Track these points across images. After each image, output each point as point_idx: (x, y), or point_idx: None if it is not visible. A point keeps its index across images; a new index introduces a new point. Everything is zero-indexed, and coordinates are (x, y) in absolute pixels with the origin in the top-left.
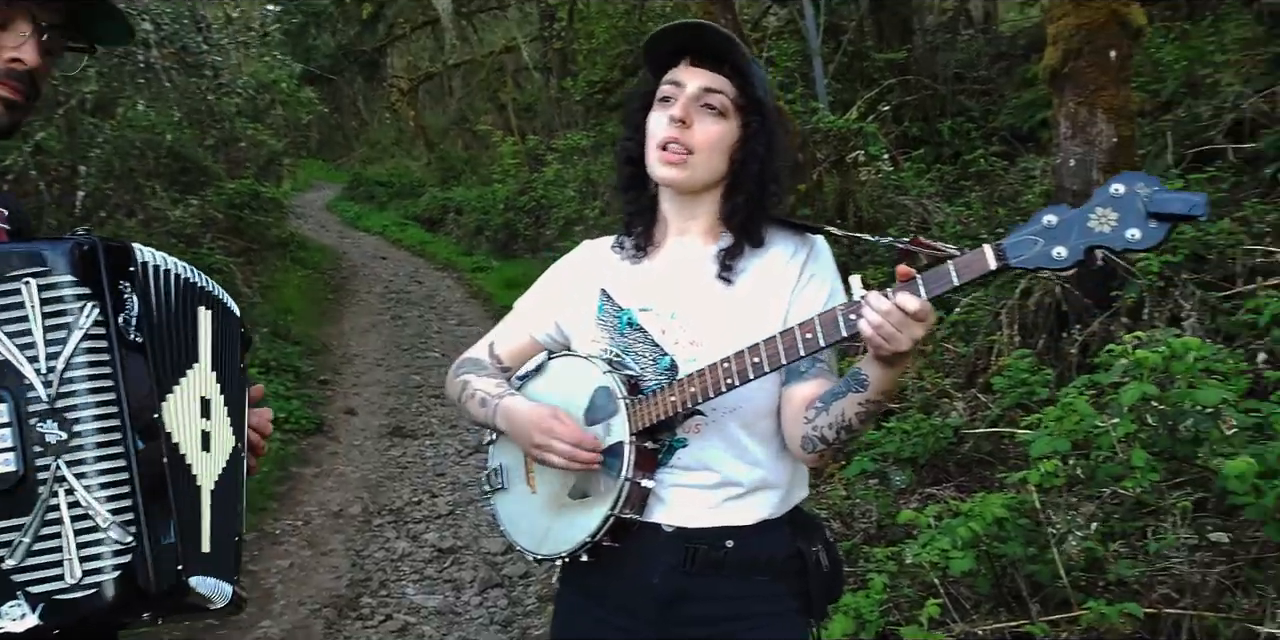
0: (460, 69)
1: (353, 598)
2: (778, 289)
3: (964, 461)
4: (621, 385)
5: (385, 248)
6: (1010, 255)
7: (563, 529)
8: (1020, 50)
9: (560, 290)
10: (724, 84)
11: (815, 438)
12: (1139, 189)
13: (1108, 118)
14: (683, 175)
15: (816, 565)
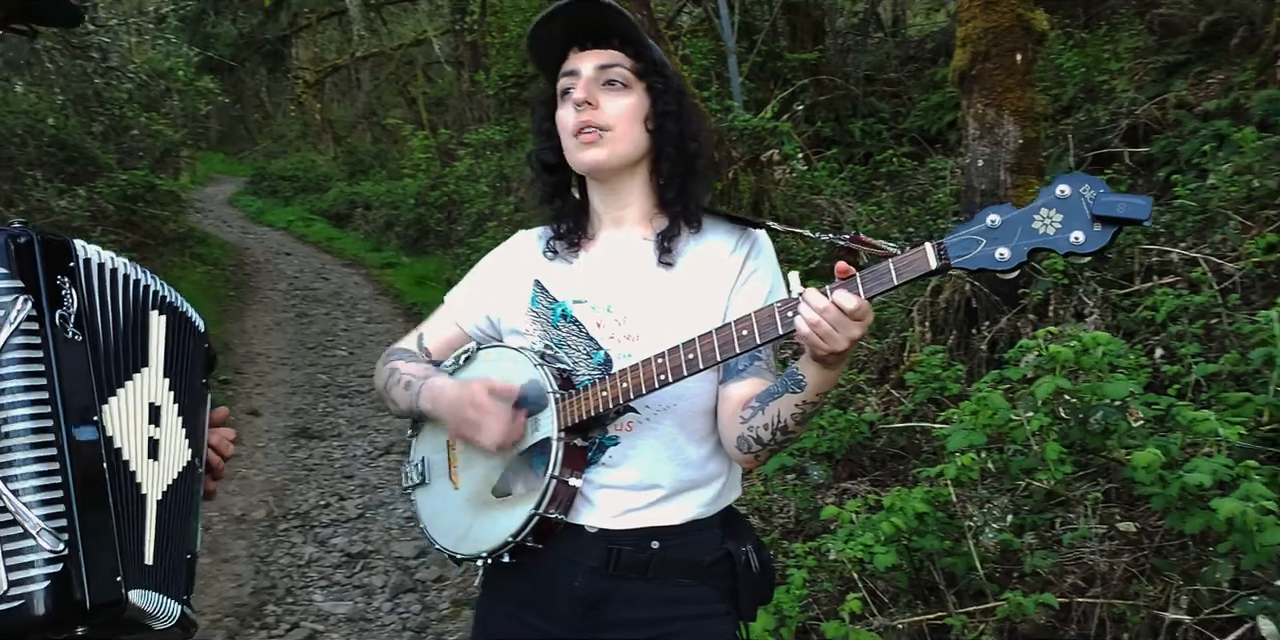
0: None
1: (256, 606)
2: (718, 283)
3: (879, 456)
4: (552, 379)
5: (290, 243)
6: (952, 255)
7: (484, 528)
8: (928, 54)
9: (491, 281)
10: (617, 57)
11: (751, 438)
12: (1084, 191)
13: (1014, 119)
14: (604, 152)
15: (746, 566)
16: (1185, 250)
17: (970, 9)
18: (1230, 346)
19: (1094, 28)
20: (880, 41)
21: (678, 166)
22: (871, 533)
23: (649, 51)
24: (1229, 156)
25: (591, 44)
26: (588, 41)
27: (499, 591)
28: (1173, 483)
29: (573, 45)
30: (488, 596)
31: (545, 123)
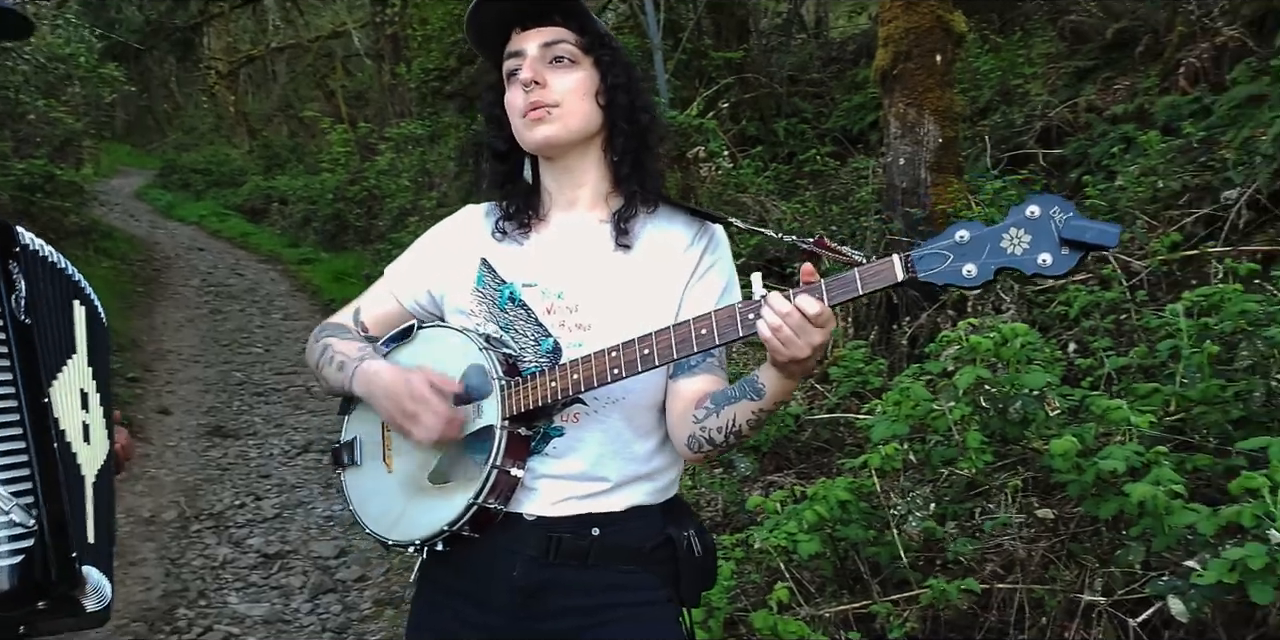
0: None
1: (167, 609)
2: (675, 274)
3: (803, 449)
4: (498, 365)
5: (203, 239)
6: (919, 268)
7: (419, 514)
8: (849, 56)
9: (435, 255)
10: (562, 33)
11: (703, 439)
12: (1054, 213)
13: (934, 119)
14: (554, 128)
15: (688, 551)
16: None
17: (892, 9)
18: (1139, 340)
19: (1009, 33)
20: (803, 42)
21: (631, 140)
22: (795, 521)
23: (593, 24)
24: (1135, 159)
25: (532, 22)
26: (528, 21)
27: (434, 584)
28: (1088, 470)
29: (514, 26)
30: (423, 589)
31: (494, 108)
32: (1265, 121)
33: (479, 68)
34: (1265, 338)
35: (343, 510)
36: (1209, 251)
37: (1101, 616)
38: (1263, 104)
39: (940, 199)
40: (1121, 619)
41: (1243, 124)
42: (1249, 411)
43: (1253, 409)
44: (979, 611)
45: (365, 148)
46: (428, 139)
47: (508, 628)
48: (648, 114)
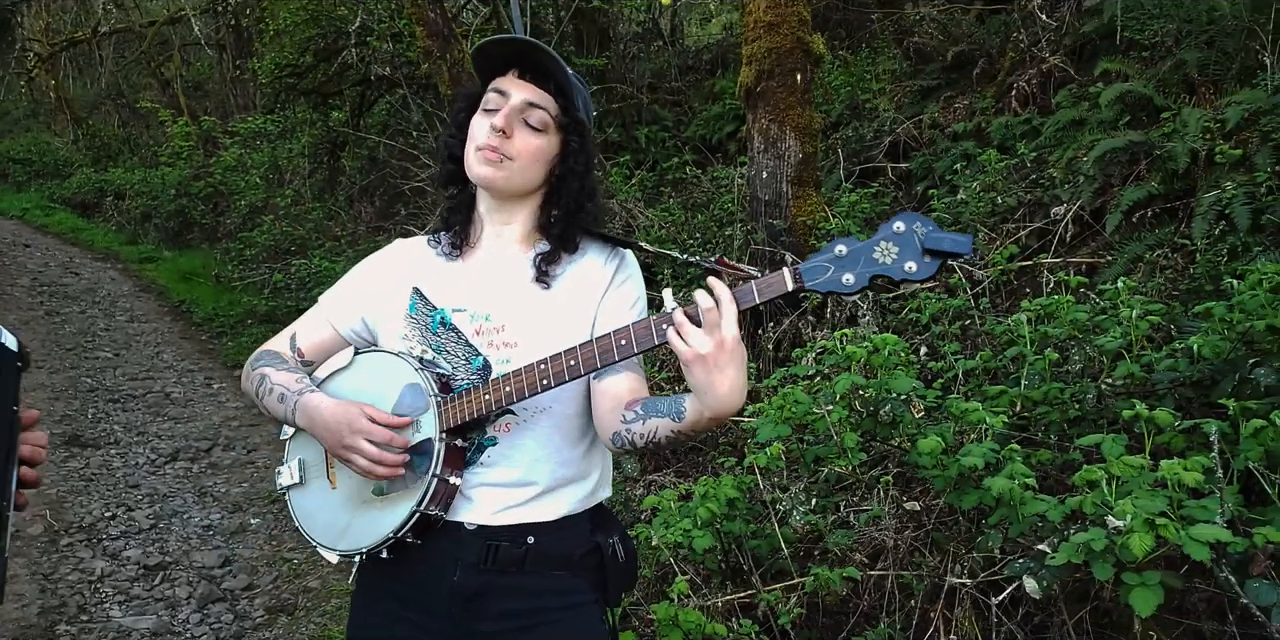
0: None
1: (46, 626)
2: (589, 293)
3: (677, 450)
4: (432, 383)
5: (28, 234)
6: (806, 279)
7: (364, 525)
8: (705, 65)
9: (368, 285)
10: (548, 101)
11: (626, 439)
12: (916, 228)
13: (795, 135)
14: (500, 175)
15: (613, 557)
16: None
17: (755, 30)
18: (983, 345)
19: (857, 50)
20: (660, 49)
21: (568, 214)
22: (689, 519)
23: (576, 110)
24: (976, 175)
25: (531, 77)
26: (528, 73)
27: (374, 589)
28: (951, 466)
29: (514, 67)
30: (362, 595)
31: (462, 114)
32: (1086, 144)
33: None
34: (1094, 344)
35: (222, 519)
36: (1042, 262)
37: (965, 598)
38: (1083, 128)
39: (800, 211)
40: (983, 600)
41: (1067, 145)
42: (1083, 411)
43: (1086, 409)
44: (852, 597)
45: (209, 142)
46: (278, 135)
47: (447, 630)
48: (591, 201)
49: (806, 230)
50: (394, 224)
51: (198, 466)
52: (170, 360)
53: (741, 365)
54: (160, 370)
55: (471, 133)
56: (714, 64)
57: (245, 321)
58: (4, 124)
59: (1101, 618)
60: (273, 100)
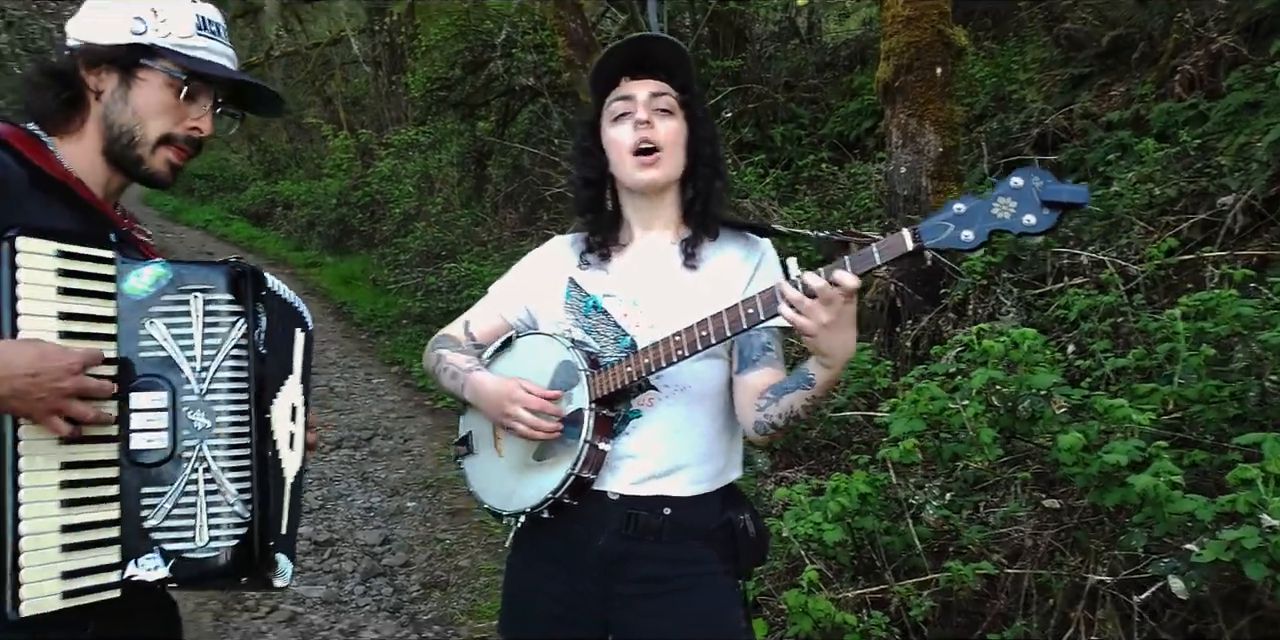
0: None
1: (236, 591)
2: (733, 283)
3: (812, 447)
4: (582, 359)
5: (211, 243)
6: (925, 238)
7: (527, 488)
8: (844, 61)
9: (531, 277)
10: (665, 87)
11: (767, 424)
12: (1034, 182)
13: (934, 129)
14: (661, 173)
15: (744, 532)
16: (1093, 253)
17: (893, 24)
18: (1136, 342)
19: (1003, 39)
20: (797, 48)
21: (705, 183)
22: (819, 512)
23: (693, 84)
24: (1132, 165)
25: (644, 74)
26: (640, 71)
27: (530, 550)
28: (1093, 463)
29: (625, 74)
30: (519, 554)
31: (586, 141)
32: (1260, 128)
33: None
34: (1260, 341)
35: (381, 502)
36: (1205, 256)
37: (1106, 599)
38: (1258, 111)
39: (940, 205)
40: (1125, 599)
41: (1238, 130)
42: (1244, 410)
43: (1248, 408)
44: (988, 597)
45: (366, 153)
46: (429, 145)
47: (593, 589)
48: (720, 164)
49: None
50: (536, 229)
51: (360, 454)
52: (334, 357)
53: (854, 321)
54: (325, 367)
55: (613, 141)
56: (851, 60)
57: (400, 322)
58: None
59: (1268, 629)
60: (424, 112)
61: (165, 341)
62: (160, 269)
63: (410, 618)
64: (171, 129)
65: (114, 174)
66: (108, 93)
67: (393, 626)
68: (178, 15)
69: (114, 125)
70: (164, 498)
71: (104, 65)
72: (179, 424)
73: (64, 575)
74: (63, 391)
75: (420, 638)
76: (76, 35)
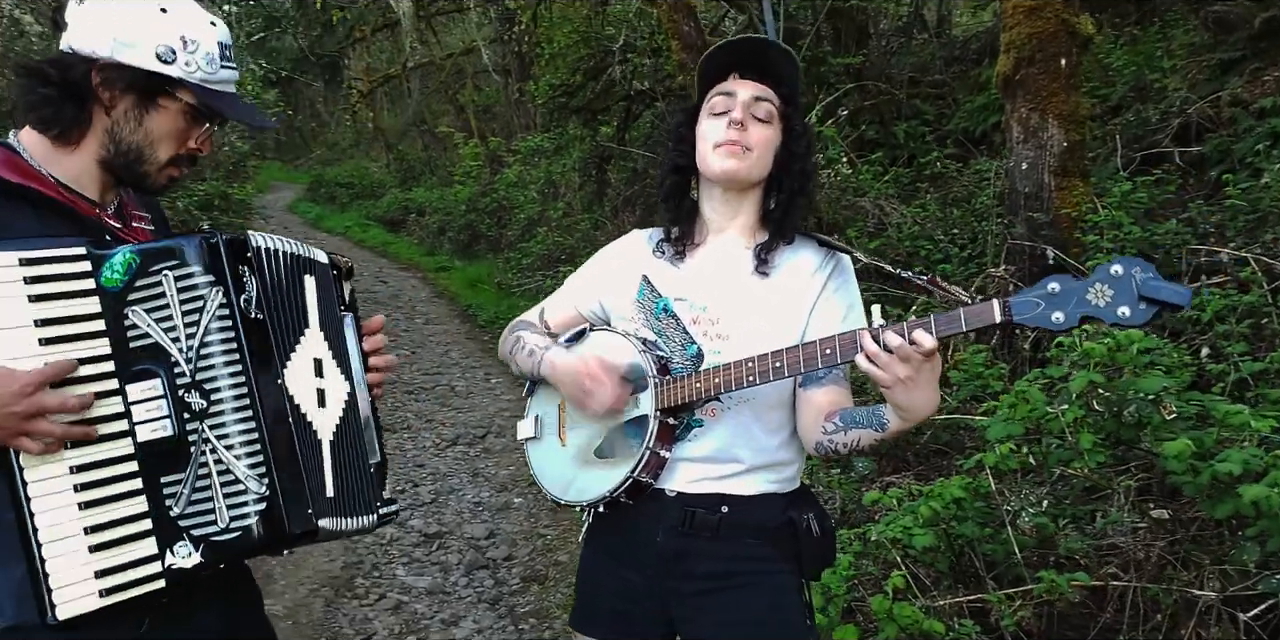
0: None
1: (347, 579)
2: (803, 295)
3: (921, 451)
4: (653, 365)
5: (348, 249)
6: (1015, 313)
7: (587, 482)
8: (973, 54)
9: (606, 271)
10: (770, 94)
11: (829, 448)
12: (1135, 273)
13: (1058, 123)
14: (743, 165)
15: (807, 532)
16: (1235, 250)
17: (1014, 15)
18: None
19: (1146, 25)
20: (924, 43)
21: (789, 195)
22: (911, 516)
23: (796, 94)
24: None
25: (752, 75)
26: (749, 71)
27: (598, 545)
28: (1204, 471)
29: (733, 71)
30: (589, 550)
31: (683, 128)
32: None
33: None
34: None
35: (490, 497)
36: None
37: (1220, 616)
38: None
39: (1065, 202)
40: (1233, 615)
41: None
42: None
43: None
44: (1094, 610)
45: (494, 160)
46: (553, 151)
47: (653, 584)
48: (810, 181)
49: (1071, 223)
50: None
51: (473, 450)
52: (457, 358)
53: (935, 379)
54: (448, 366)
55: (704, 134)
56: (981, 53)
57: None
58: (333, 153)
59: None
60: (547, 119)
61: (149, 327)
62: (127, 255)
63: (509, 610)
64: (178, 151)
65: (108, 177)
66: (119, 110)
67: (491, 617)
68: (204, 46)
69: (121, 142)
70: (181, 485)
71: (124, 86)
72: (178, 408)
73: (98, 574)
74: (18, 415)
75: (517, 629)
76: (90, 42)
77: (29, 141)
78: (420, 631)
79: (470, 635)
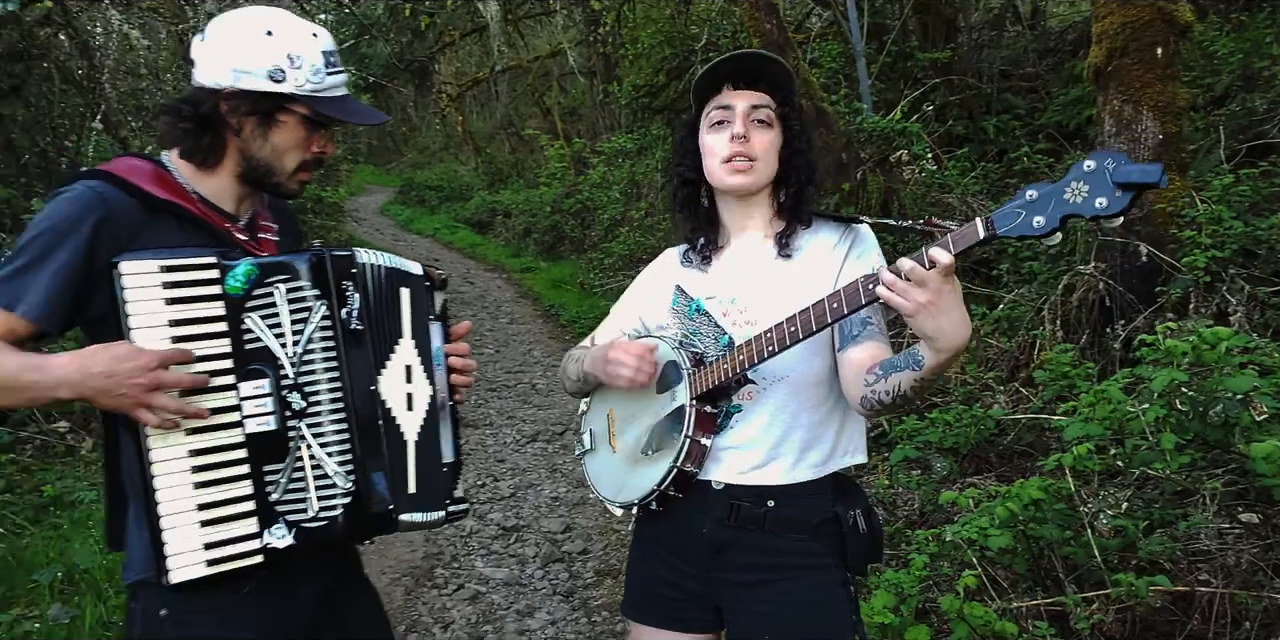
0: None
1: (428, 569)
2: (826, 269)
3: (1005, 452)
4: (686, 359)
5: (437, 250)
6: (998, 225)
7: (636, 480)
8: (1069, 46)
9: (643, 291)
10: (765, 99)
11: (874, 400)
12: (1107, 164)
13: (1153, 115)
14: (750, 179)
15: (854, 528)
16: None
17: (1107, 4)
18: None
19: (1255, 10)
20: (1017, 35)
21: (797, 186)
22: (987, 517)
23: (791, 95)
24: None
25: (745, 84)
26: (741, 82)
27: (646, 538)
28: None
29: (726, 82)
30: (639, 543)
31: (688, 141)
32: None
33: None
34: None
35: (567, 492)
36: None
37: None
38: None
39: (1160, 197)
40: None
41: None
42: None
43: None
44: (1181, 616)
45: (579, 162)
46: (636, 151)
47: (701, 575)
48: (814, 170)
49: (1167, 218)
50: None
51: (552, 447)
52: (539, 356)
53: (960, 304)
54: (530, 365)
55: (708, 148)
56: (1077, 44)
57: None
58: (424, 157)
59: None
60: (631, 120)
61: (261, 332)
62: (248, 266)
63: (582, 602)
64: (304, 157)
65: (246, 189)
66: (247, 131)
67: (565, 609)
68: (309, 59)
69: (253, 158)
70: (280, 474)
71: (246, 109)
72: (281, 406)
73: (206, 546)
74: (140, 387)
75: (589, 622)
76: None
77: (179, 163)
78: (496, 621)
79: (544, 626)
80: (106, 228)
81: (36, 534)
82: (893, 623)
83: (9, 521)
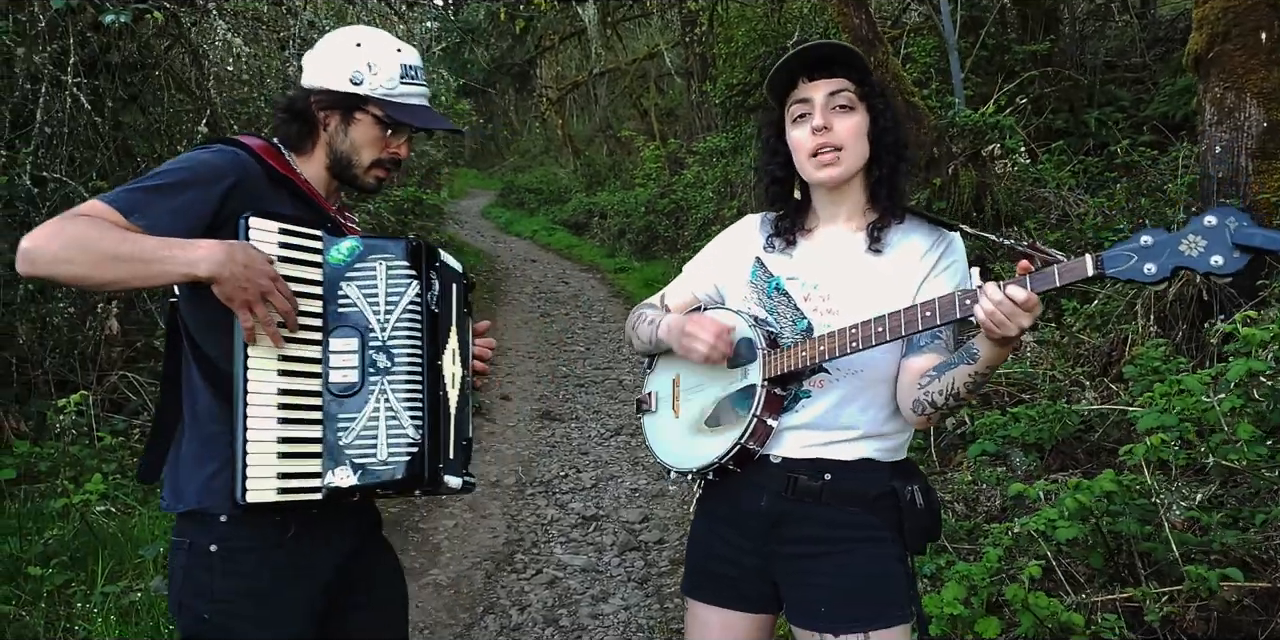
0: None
1: (508, 554)
2: (913, 273)
3: (1093, 449)
4: (762, 338)
5: (535, 251)
6: (1107, 266)
7: (697, 450)
8: (1179, 34)
9: (721, 256)
10: (843, 84)
11: (926, 402)
12: (1229, 222)
13: (1258, 102)
14: (839, 171)
15: (910, 503)
16: None
17: None
18: None
19: None
20: (1125, 25)
21: (889, 169)
22: (1055, 509)
23: (869, 75)
24: None
25: (820, 74)
26: (816, 72)
27: (706, 511)
28: None
29: (801, 75)
30: (699, 516)
31: (774, 140)
32: None
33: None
34: None
35: (646, 484)
36: None
37: None
38: None
39: (1265, 187)
40: None
41: None
42: None
43: None
44: (1265, 614)
45: (674, 162)
46: (730, 150)
47: (758, 547)
48: (906, 148)
49: (1272, 209)
50: None
51: (634, 441)
52: (627, 354)
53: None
54: (618, 362)
55: (795, 144)
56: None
57: None
58: (525, 160)
59: None
60: (725, 119)
61: (357, 299)
62: (354, 242)
63: (656, 590)
64: (379, 155)
65: (333, 181)
66: (332, 126)
67: (639, 596)
68: (387, 69)
69: (336, 151)
70: (354, 422)
71: (330, 106)
72: (365, 363)
73: (280, 475)
74: (260, 287)
75: (661, 608)
76: (311, 79)
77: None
78: (571, 605)
79: (616, 611)
80: (240, 187)
81: (144, 514)
82: (963, 614)
83: (120, 501)
